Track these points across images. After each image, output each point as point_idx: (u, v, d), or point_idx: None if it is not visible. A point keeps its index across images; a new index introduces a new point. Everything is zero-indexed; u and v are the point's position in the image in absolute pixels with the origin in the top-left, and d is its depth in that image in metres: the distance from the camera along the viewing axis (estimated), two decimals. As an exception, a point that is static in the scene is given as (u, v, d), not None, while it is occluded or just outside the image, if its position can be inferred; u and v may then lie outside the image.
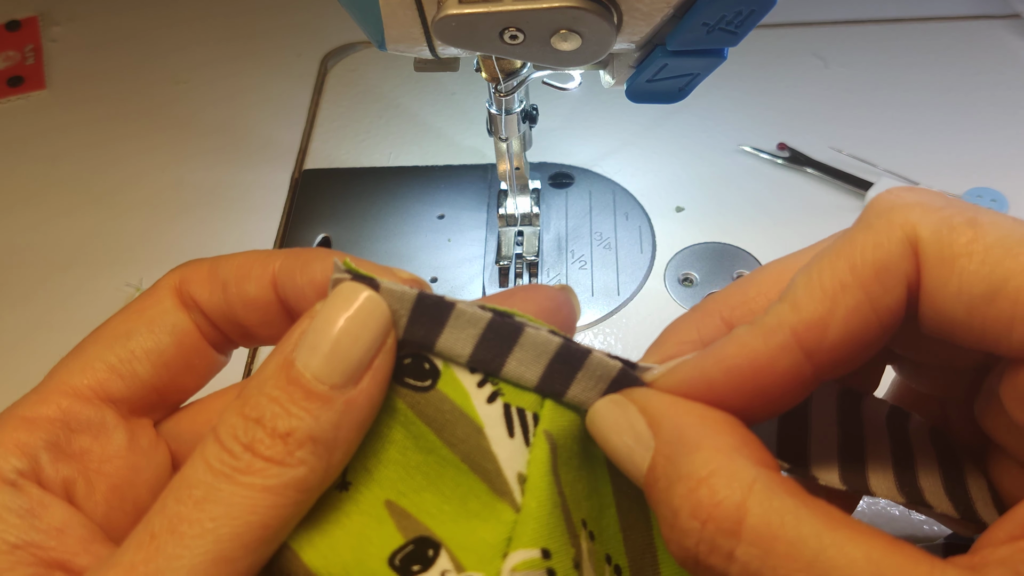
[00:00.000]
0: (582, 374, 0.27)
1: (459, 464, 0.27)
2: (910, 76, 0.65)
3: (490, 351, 0.27)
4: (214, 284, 0.31)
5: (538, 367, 0.27)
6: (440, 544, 0.27)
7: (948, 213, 0.24)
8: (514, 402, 0.27)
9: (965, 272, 0.23)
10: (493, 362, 0.27)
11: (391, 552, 0.27)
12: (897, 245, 0.23)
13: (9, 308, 0.56)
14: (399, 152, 0.62)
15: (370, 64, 0.70)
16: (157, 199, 0.61)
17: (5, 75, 0.70)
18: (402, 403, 0.27)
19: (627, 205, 0.56)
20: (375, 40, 0.36)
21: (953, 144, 0.60)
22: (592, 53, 0.35)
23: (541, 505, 0.26)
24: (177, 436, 0.32)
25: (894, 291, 0.23)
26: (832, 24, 0.70)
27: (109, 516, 0.29)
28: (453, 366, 0.27)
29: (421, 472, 0.28)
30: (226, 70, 0.70)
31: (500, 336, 0.27)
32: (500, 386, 0.27)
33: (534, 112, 0.47)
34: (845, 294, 0.24)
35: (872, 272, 0.23)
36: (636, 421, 0.26)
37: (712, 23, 0.34)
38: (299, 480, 0.25)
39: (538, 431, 0.27)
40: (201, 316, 0.31)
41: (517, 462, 0.27)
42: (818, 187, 0.58)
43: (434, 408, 0.27)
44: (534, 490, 0.26)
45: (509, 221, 0.53)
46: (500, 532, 0.26)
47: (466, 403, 0.27)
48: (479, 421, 0.27)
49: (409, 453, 0.28)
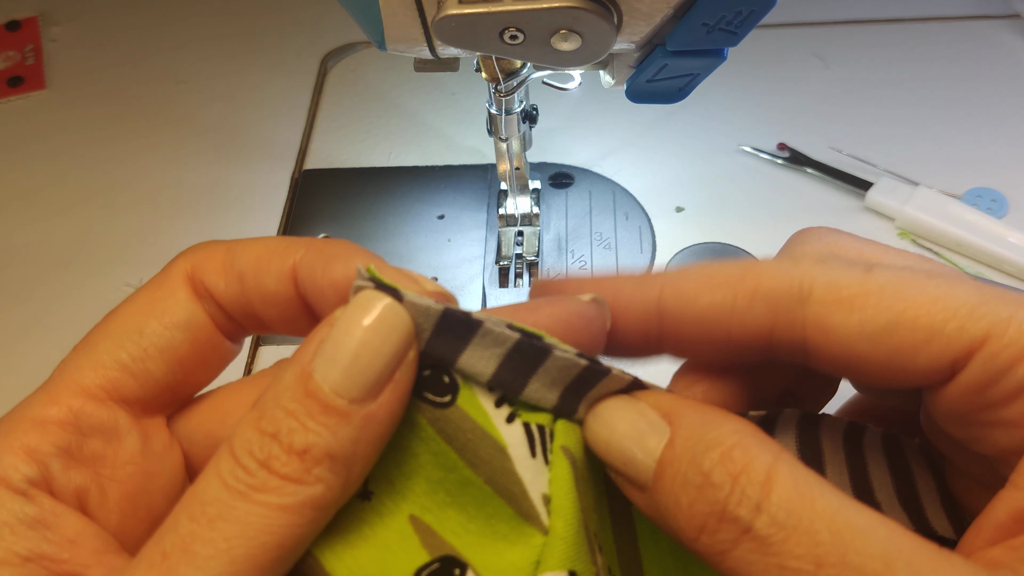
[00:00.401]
0: (595, 392, 0.27)
1: (482, 485, 0.26)
2: (910, 76, 0.65)
3: (513, 372, 0.26)
4: (230, 275, 0.30)
5: (557, 389, 0.26)
6: (467, 565, 0.26)
7: (844, 263, 0.26)
8: (532, 420, 0.26)
9: (866, 308, 0.25)
10: (514, 383, 0.26)
11: (416, 568, 0.26)
12: (786, 297, 0.26)
13: (8, 306, 0.56)
14: (399, 152, 0.62)
15: (370, 64, 0.70)
16: (157, 198, 0.61)
17: (5, 75, 0.69)
18: (422, 419, 0.26)
19: (627, 205, 0.56)
20: (375, 40, 0.36)
21: (953, 144, 0.60)
22: (592, 53, 0.35)
23: (568, 526, 0.26)
24: (189, 436, 0.31)
25: (758, 311, 0.26)
26: (832, 24, 0.70)
27: (123, 524, 0.28)
28: (472, 383, 0.26)
29: (444, 489, 0.27)
30: (226, 70, 0.70)
31: (525, 358, 0.26)
32: (517, 407, 0.26)
33: (534, 112, 0.47)
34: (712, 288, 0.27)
35: (743, 284, 0.26)
36: (647, 412, 0.27)
37: (712, 23, 0.34)
38: (316, 498, 0.24)
39: (555, 448, 0.26)
40: (215, 307, 0.30)
41: (540, 483, 0.26)
42: (818, 187, 0.58)
43: (454, 426, 0.26)
44: (560, 511, 0.26)
45: (509, 221, 0.53)
46: (528, 556, 0.26)
47: (487, 423, 0.26)
48: (502, 442, 0.26)
49: (430, 469, 0.27)
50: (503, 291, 0.51)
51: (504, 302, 0.52)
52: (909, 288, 0.25)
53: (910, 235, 0.55)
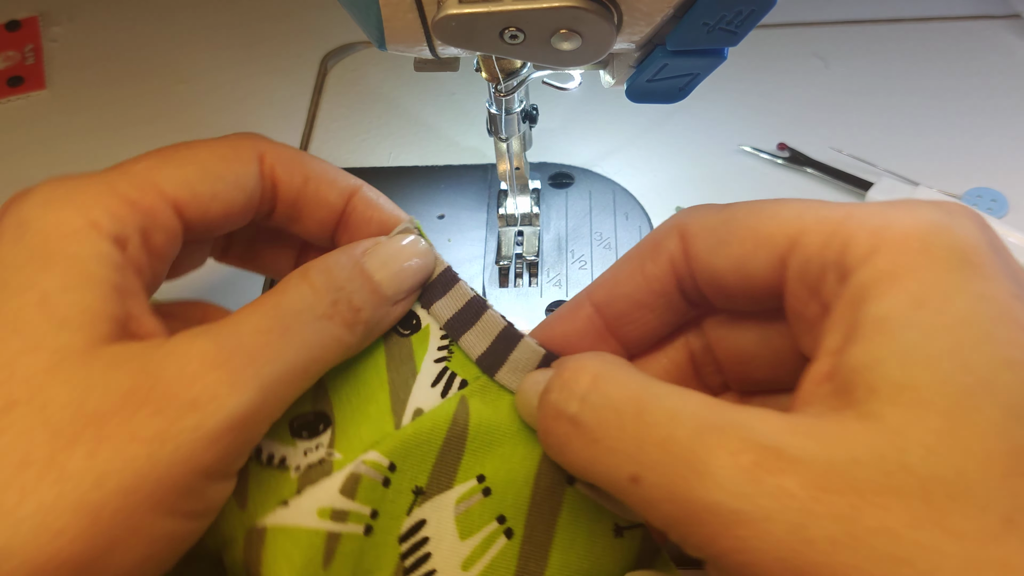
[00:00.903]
0: (515, 354, 0.35)
1: (383, 383, 0.34)
2: (910, 76, 0.65)
3: (460, 321, 0.35)
4: (295, 169, 0.35)
5: (485, 342, 0.35)
6: (332, 423, 0.34)
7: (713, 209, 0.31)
8: (453, 368, 0.35)
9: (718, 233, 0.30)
10: (459, 330, 0.35)
11: (295, 415, 0.33)
12: (667, 233, 0.32)
13: (9, 308, 0.56)
14: (399, 152, 0.62)
15: (370, 64, 0.70)
16: (157, 199, 0.61)
17: (5, 75, 0.69)
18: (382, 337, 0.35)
19: (627, 205, 0.56)
20: (375, 40, 0.36)
21: (953, 144, 0.60)
22: (592, 53, 0.35)
23: (416, 436, 0.33)
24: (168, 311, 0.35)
25: (660, 261, 0.32)
26: (832, 24, 0.70)
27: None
28: (432, 324, 0.36)
29: (353, 371, 0.34)
30: (226, 70, 0.70)
31: (471, 311, 0.35)
32: (453, 349, 0.35)
33: (534, 112, 0.47)
34: (627, 262, 0.33)
35: (648, 247, 0.32)
36: (545, 373, 0.33)
37: (712, 23, 0.34)
38: (351, 344, 0.32)
39: (458, 393, 0.34)
40: (269, 189, 0.35)
41: (422, 401, 0.34)
42: (818, 187, 0.58)
43: (397, 347, 0.35)
44: (420, 424, 0.33)
45: (509, 221, 0.53)
46: (373, 436, 0.33)
47: (420, 355, 0.35)
48: (417, 368, 0.35)
49: (361, 361, 0.34)
50: (503, 291, 0.51)
51: (504, 302, 0.52)
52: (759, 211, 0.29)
53: (910, 235, 0.55)
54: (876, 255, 0.25)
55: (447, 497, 0.33)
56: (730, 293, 0.30)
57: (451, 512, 0.33)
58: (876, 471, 0.22)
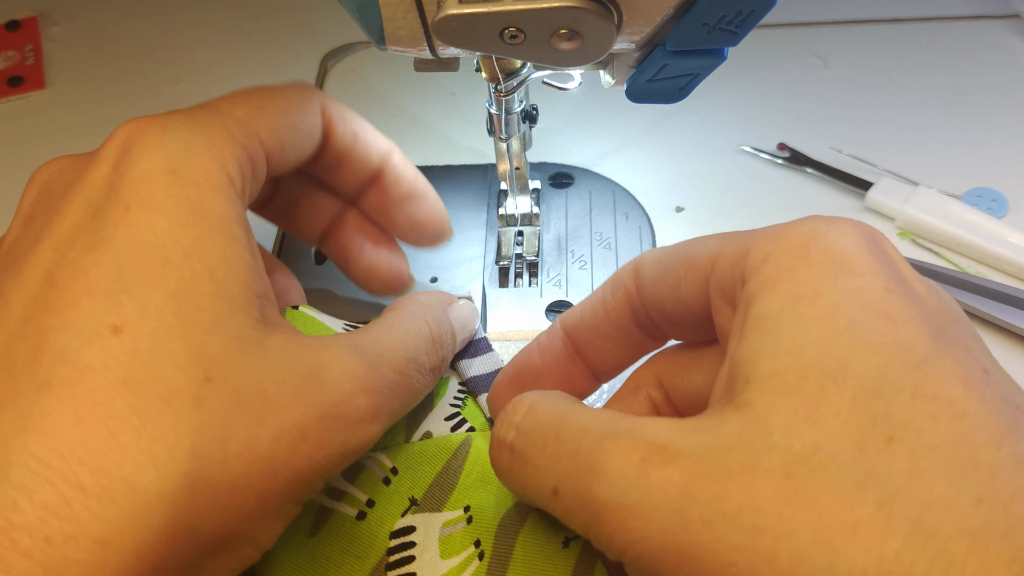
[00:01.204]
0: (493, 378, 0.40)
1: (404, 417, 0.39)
2: (910, 76, 0.65)
3: (483, 383, 0.41)
4: (347, 126, 0.39)
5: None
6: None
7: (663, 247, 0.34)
8: (465, 415, 0.40)
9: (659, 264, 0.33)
10: (479, 390, 0.41)
11: None
12: (625, 269, 0.35)
13: (9, 308, 0.56)
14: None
15: (370, 64, 0.70)
16: (157, 199, 0.61)
17: (5, 75, 0.69)
18: None
19: (627, 205, 0.56)
20: (375, 40, 0.36)
21: (953, 144, 0.60)
22: (592, 53, 0.35)
23: (422, 453, 0.38)
24: None
25: (617, 294, 0.35)
26: (832, 24, 0.70)
27: None
28: (453, 377, 0.42)
29: None
30: (226, 70, 0.70)
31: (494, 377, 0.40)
32: (467, 401, 0.41)
33: (534, 112, 0.47)
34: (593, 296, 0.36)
35: (610, 282, 0.35)
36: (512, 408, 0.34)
37: (712, 23, 0.34)
38: (419, 395, 0.36)
39: (466, 432, 0.39)
40: (323, 141, 0.38)
41: (434, 428, 0.39)
42: (818, 187, 0.58)
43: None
44: (425, 445, 0.38)
45: (509, 221, 0.53)
46: (385, 441, 0.38)
47: (439, 396, 0.40)
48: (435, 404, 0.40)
49: None
50: (503, 291, 0.51)
51: (504, 302, 0.52)
52: (693, 243, 0.32)
53: (910, 235, 0.55)
54: (766, 263, 0.28)
55: (436, 518, 0.36)
56: (674, 319, 0.33)
57: (437, 532, 0.36)
58: (745, 453, 0.24)
